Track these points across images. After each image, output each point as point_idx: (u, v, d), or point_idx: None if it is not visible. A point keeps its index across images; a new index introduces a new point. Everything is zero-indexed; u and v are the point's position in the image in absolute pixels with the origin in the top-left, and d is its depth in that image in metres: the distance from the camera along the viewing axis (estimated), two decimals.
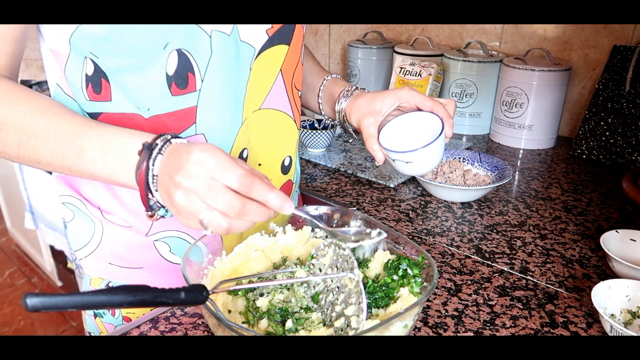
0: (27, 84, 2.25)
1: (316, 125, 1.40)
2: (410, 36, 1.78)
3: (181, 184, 0.51)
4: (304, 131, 1.34)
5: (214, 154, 0.51)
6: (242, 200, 0.50)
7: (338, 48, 2.03)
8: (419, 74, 1.51)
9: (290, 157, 0.80)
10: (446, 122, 0.73)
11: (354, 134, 0.84)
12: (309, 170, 1.26)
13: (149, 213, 0.57)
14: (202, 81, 0.65)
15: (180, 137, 0.56)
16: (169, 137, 0.55)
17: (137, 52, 0.61)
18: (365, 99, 0.78)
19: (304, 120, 1.39)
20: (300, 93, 0.81)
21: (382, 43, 1.74)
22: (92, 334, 0.81)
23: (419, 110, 0.77)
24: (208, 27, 0.63)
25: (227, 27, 0.64)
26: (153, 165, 0.54)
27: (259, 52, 0.69)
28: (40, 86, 2.17)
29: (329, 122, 1.38)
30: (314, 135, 1.33)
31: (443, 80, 1.54)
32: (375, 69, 1.74)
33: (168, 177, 0.52)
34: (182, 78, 0.64)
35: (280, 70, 0.73)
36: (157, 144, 0.55)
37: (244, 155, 0.73)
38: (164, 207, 0.57)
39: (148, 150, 0.54)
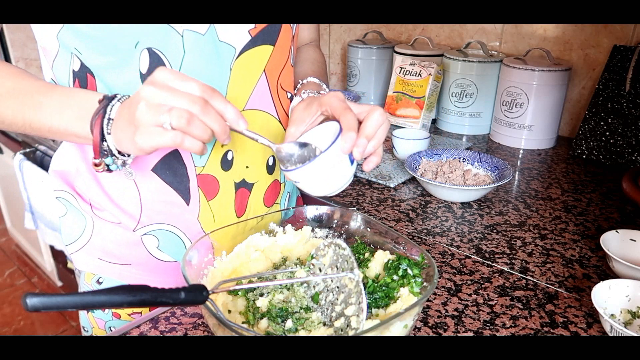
0: None
1: None
2: (410, 36, 1.78)
3: (144, 97, 0.52)
4: None
5: (172, 71, 0.54)
6: (203, 100, 0.53)
7: (338, 48, 2.03)
8: (419, 74, 1.51)
9: (273, 156, 0.79)
10: (344, 134, 0.60)
11: None
12: None
13: (96, 161, 0.59)
14: None
15: None
16: (128, 96, 0.58)
17: (114, 50, 0.62)
18: (304, 104, 0.70)
19: None
20: (289, 94, 0.79)
21: (382, 43, 1.74)
22: (86, 328, 0.82)
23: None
24: (180, 27, 0.62)
25: (201, 27, 0.63)
26: (111, 110, 0.57)
27: (240, 52, 0.68)
28: None
29: None
30: None
31: (443, 80, 1.54)
32: (375, 69, 1.74)
33: (129, 103, 0.55)
34: None
35: (264, 70, 0.72)
36: (116, 96, 0.58)
37: (229, 157, 0.73)
38: (113, 155, 0.59)
39: (108, 100, 0.58)
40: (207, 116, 0.53)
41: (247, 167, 0.75)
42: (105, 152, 0.59)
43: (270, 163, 0.79)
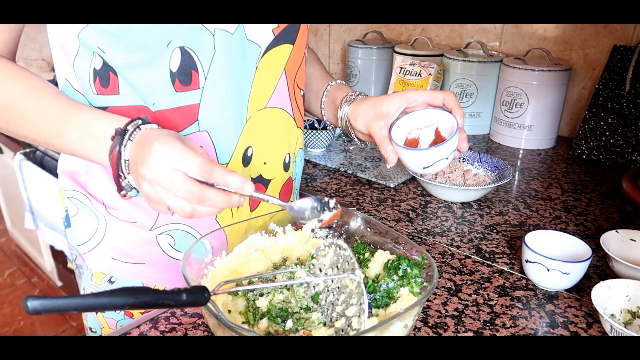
0: None
1: (316, 125, 1.40)
2: (410, 36, 1.78)
3: (145, 175, 0.54)
4: (304, 131, 1.34)
5: (172, 146, 0.54)
6: (201, 187, 0.54)
7: (338, 48, 2.03)
8: (419, 74, 1.51)
9: (289, 154, 0.81)
10: (456, 113, 0.74)
11: (357, 140, 0.83)
12: (309, 170, 1.26)
13: (122, 193, 0.61)
14: (206, 79, 0.66)
15: (151, 123, 0.60)
16: (140, 122, 0.59)
17: (142, 49, 0.62)
18: (369, 103, 0.77)
19: (304, 121, 1.39)
20: (302, 92, 0.81)
21: (382, 43, 1.74)
22: (93, 329, 0.82)
23: (429, 107, 0.76)
24: (211, 26, 0.63)
25: (230, 26, 0.65)
26: (124, 150, 0.58)
27: (265, 51, 0.69)
28: None
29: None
30: (314, 135, 1.33)
31: (443, 80, 1.54)
32: (375, 69, 1.74)
33: (135, 167, 0.56)
34: (185, 75, 0.65)
35: (284, 69, 0.73)
36: (128, 130, 0.58)
37: (249, 154, 0.73)
38: (135, 188, 0.61)
39: (120, 136, 0.58)
40: (208, 202, 0.55)
41: (264, 163, 0.76)
42: (128, 187, 0.61)
43: (287, 161, 0.80)
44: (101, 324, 0.80)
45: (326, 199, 0.65)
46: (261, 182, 0.77)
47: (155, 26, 0.61)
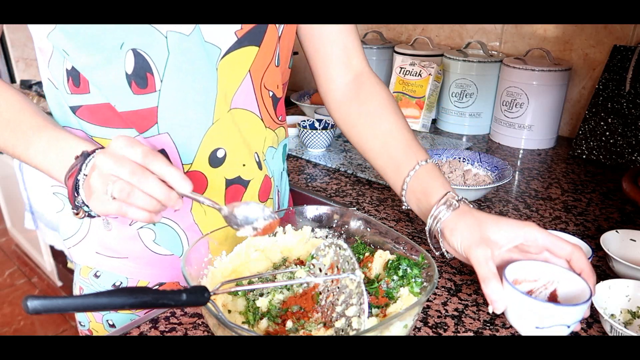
0: (27, 83, 2.25)
1: (316, 125, 1.40)
2: (410, 36, 1.78)
3: (97, 166, 0.57)
4: (304, 131, 1.34)
5: (123, 138, 0.57)
6: (143, 169, 0.56)
7: None
8: (419, 74, 1.51)
9: (257, 153, 0.79)
10: (588, 278, 0.62)
11: (445, 252, 0.72)
12: (309, 170, 1.26)
13: (75, 211, 0.63)
14: (162, 82, 0.66)
15: None
16: None
17: (99, 49, 0.63)
18: (474, 221, 0.65)
19: (304, 120, 1.39)
20: (271, 93, 0.78)
21: (382, 43, 1.74)
22: (82, 323, 0.83)
23: (548, 252, 0.65)
24: (163, 28, 0.63)
25: (185, 28, 0.64)
26: (86, 167, 0.60)
27: (226, 53, 0.68)
28: (40, 85, 2.17)
29: (329, 123, 1.38)
30: (314, 135, 1.33)
31: (443, 80, 1.54)
32: (375, 69, 1.74)
33: (91, 167, 0.58)
34: (140, 78, 0.65)
35: (249, 71, 0.72)
36: (96, 152, 0.60)
37: (219, 155, 0.73)
38: (87, 205, 0.62)
39: (84, 157, 0.60)
40: (146, 185, 0.55)
41: (243, 165, 0.76)
42: (80, 203, 0.62)
43: (257, 160, 0.79)
44: (88, 317, 0.81)
45: (262, 205, 0.60)
46: (240, 183, 0.77)
47: (108, 27, 0.61)
